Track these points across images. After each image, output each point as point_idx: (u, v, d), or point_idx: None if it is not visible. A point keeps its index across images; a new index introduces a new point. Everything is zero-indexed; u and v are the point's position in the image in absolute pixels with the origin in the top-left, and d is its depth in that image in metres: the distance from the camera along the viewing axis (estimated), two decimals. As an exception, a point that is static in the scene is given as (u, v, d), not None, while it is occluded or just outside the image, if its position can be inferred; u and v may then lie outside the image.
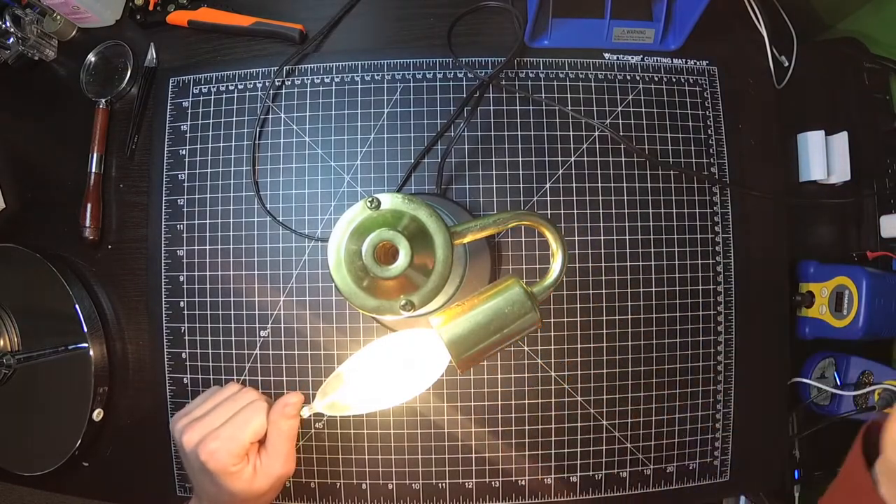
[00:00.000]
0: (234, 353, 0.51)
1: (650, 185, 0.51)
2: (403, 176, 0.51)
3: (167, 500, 0.51)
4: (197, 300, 0.51)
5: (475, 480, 0.49)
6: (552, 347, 0.50)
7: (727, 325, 0.51)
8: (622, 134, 0.51)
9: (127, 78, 0.55)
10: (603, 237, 0.51)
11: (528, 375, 0.50)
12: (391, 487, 0.50)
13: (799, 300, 0.52)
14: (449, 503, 0.49)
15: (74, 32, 0.58)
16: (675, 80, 0.53)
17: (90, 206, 0.53)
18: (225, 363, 0.51)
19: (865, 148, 0.54)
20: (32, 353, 0.52)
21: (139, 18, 0.55)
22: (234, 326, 0.51)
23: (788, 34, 0.55)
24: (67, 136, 0.56)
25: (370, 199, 0.33)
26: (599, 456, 0.50)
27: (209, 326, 0.51)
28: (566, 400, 0.50)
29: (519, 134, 0.52)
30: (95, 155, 0.54)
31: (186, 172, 0.53)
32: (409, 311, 0.33)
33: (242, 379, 0.50)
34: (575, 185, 0.51)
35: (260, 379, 0.50)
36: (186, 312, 0.51)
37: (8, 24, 0.54)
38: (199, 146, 0.53)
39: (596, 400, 0.50)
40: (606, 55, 0.53)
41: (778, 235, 0.53)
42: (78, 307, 0.51)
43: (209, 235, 0.52)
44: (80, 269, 0.54)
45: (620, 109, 0.52)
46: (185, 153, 0.53)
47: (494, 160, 0.51)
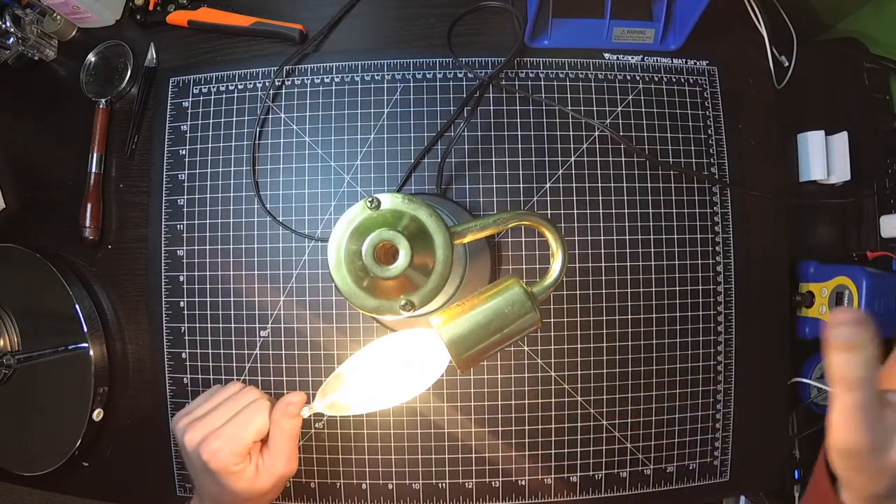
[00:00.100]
0: (234, 353, 0.51)
1: (650, 185, 0.51)
2: (403, 176, 0.51)
3: (167, 500, 0.51)
4: (197, 300, 0.51)
5: (475, 480, 0.50)
6: (552, 347, 0.50)
7: (727, 325, 0.51)
8: (622, 134, 0.51)
9: (127, 78, 0.55)
10: (603, 237, 0.51)
11: (528, 375, 0.50)
12: (391, 487, 0.50)
13: (799, 300, 0.52)
14: (449, 503, 0.49)
15: (74, 32, 0.58)
16: (675, 80, 0.53)
17: (90, 206, 0.53)
18: (225, 363, 0.51)
19: (865, 148, 0.54)
20: (32, 353, 0.52)
21: (139, 18, 0.55)
22: (234, 326, 0.51)
23: (788, 34, 0.55)
24: (67, 136, 0.56)
25: (370, 199, 0.33)
26: (599, 456, 0.50)
27: (209, 326, 0.51)
28: (566, 400, 0.50)
29: (519, 134, 0.52)
30: (95, 155, 0.54)
31: (186, 172, 0.53)
32: (409, 311, 0.33)
33: (243, 379, 0.50)
34: (575, 185, 0.51)
35: (260, 379, 0.50)
36: (186, 312, 0.51)
37: (8, 24, 0.54)
38: (199, 146, 0.53)
39: (596, 400, 0.50)
40: (606, 55, 0.53)
41: (778, 235, 0.53)
42: (78, 307, 0.51)
43: (209, 235, 0.52)
44: (80, 269, 0.54)
45: (620, 109, 0.52)
46: (185, 153, 0.53)
47: (494, 160, 0.51)
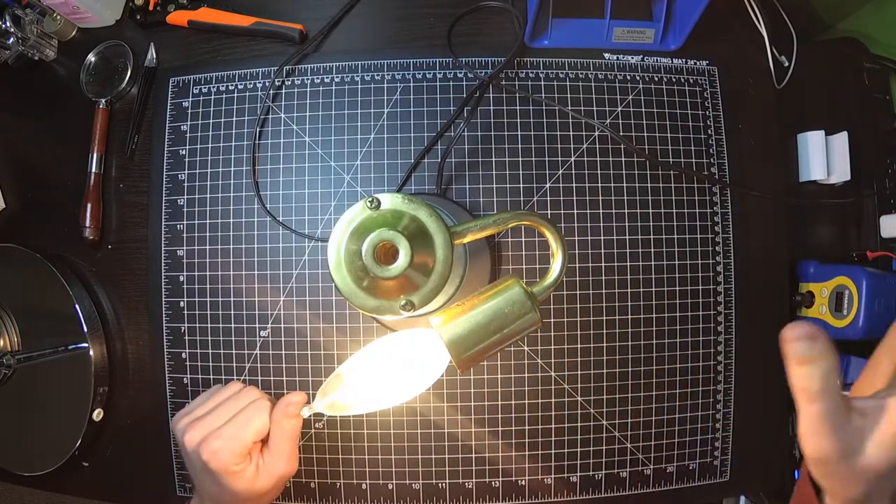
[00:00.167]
0: (234, 353, 0.51)
1: (650, 185, 0.51)
2: (403, 176, 0.51)
3: (167, 500, 0.51)
4: (197, 300, 0.51)
5: (475, 480, 0.49)
6: (552, 347, 0.50)
7: (727, 325, 0.51)
8: (622, 134, 0.51)
9: (127, 78, 0.55)
10: (603, 237, 0.51)
11: (528, 375, 0.50)
12: (391, 487, 0.50)
13: (799, 300, 0.52)
14: (449, 503, 0.49)
15: (74, 32, 0.58)
16: (675, 80, 0.53)
17: (90, 206, 0.53)
18: (225, 363, 0.51)
19: (865, 148, 0.54)
20: (32, 353, 0.52)
21: (139, 18, 0.55)
22: (234, 326, 0.51)
23: (788, 34, 0.55)
24: (67, 136, 0.56)
25: (370, 199, 0.33)
26: (599, 456, 0.50)
27: (209, 326, 0.51)
28: (566, 400, 0.50)
29: (519, 134, 0.52)
30: (95, 155, 0.54)
31: (186, 172, 0.53)
32: (409, 311, 0.33)
33: (243, 379, 0.50)
34: (575, 185, 0.51)
35: (260, 379, 0.50)
36: (186, 312, 0.51)
37: (8, 24, 0.54)
38: (199, 146, 0.53)
39: (596, 400, 0.50)
40: (606, 55, 0.53)
41: (778, 235, 0.53)
42: (78, 307, 0.51)
43: (209, 235, 0.52)
44: (80, 269, 0.54)
45: (620, 109, 0.52)
46: (185, 153, 0.53)
47: (494, 160, 0.51)
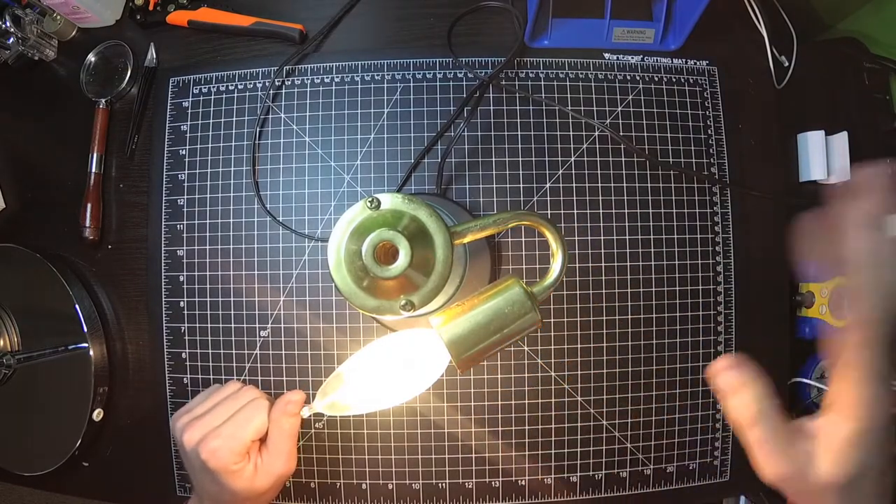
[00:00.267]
0: (234, 353, 0.51)
1: (650, 185, 0.51)
2: (403, 176, 0.51)
3: (167, 500, 0.51)
4: (197, 300, 0.51)
5: (475, 480, 0.49)
6: (552, 347, 0.50)
7: (727, 325, 0.51)
8: (622, 134, 0.51)
9: (127, 78, 0.55)
10: (603, 237, 0.51)
11: (528, 375, 0.50)
12: (391, 487, 0.50)
13: (799, 300, 0.52)
14: (449, 503, 0.49)
15: (74, 32, 0.58)
16: (675, 80, 0.53)
17: (90, 206, 0.53)
18: (225, 363, 0.51)
19: (865, 148, 0.54)
20: (32, 353, 0.52)
21: (139, 18, 0.55)
22: (234, 326, 0.51)
23: (788, 34, 0.55)
24: (67, 136, 0.56)
25: (370, 199, 0.33)
26: (599, 456, 0.50)
27: (209, 326, 0.51)
28: (566, 400, 0.50)
29: (519, 134, 0.52)
30: (95, 155, 0.54)
31: (186, 172, 0.53)
32: (409, 311, 0.33)
33: (243, 379, 0.50)
34: (575, 185, 0.51)
35: (260, 379, 0.50)
36: (186, 312, 0.51)
37: (8, 24, 0.54)
38: (199, 146, 0.53)
39: (596, 400, 0.50)
40: (606, 55, 0.53)
41: (778, 235, 0.53)
42: (78, 307, 0.51)
43: (209, 235, 0.52)
44: (80, 269, 0.54)
45: (620, 109, 0.52)
46: (185, 153, 0.53)
47: (494, 160, 0.51)
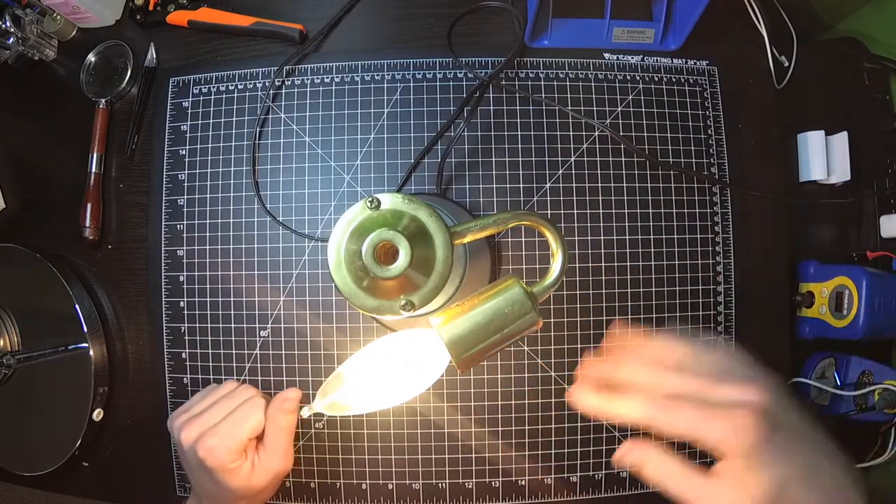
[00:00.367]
0: (234, 353, 0.51)
1: (650, 185, 0.51)
2: (403, 176, 0.51)
3: (167, 500, 0.51)
4: (197, 300, 0.51)
5: (475, 480, 0.49)
6: (552, 347, 0.50)
7: (727, 325, 0.51)
8: (622, 134, 0.51)
9: (127, 78, 0.55)
10: (603, 237, 0.51)
11: (528, 375, 0.50)
12: (391, 487, 0.50)
13: (799, 300, 0.52)
14: (449, 503, 0.49)
15: (74, 32, 0.58)
16: (675, 80, 0.53)
17: (90, 206, 0.53)
18: (225, 363, 0.51)
19: (865, 148, 0.54)
20: (32, 353, 0.52)
21: (139, 18, 0.55)
22: (234, 326, 0.51)
23: (788, 34, 0.55)
24: (67, 136, 0.56)
25: (370, 199, 0.33)
26: (599, 456, 0.50)
27: (209, 326, 0.51)
28: (566, 400, 0.50)
29: (519, 134, 0.52)
30: (95, 155, 0.54)
31: (186, 172, 0.53)
32: (409, 311, 0.33)
33: (242, 379, 0.50)
34: (575, 185, 0.51)
35: (260, 379, 0.50)
36: (186, 312, 0.51)
37: (8, 24, 0.54)
38: (199, 146, 0.53)
39: (596, 400, 0.50)
40: (606, 55, 0.53)
41: (778, 235, 0.53)
42: (78, 307, 0.51)
43: (209, 235, 0.52)
44: (80, 269, 0.54)
45: (620, 109, 0.52)
46: (185, 153, 0.53)
47: (494, 160, 0.51)
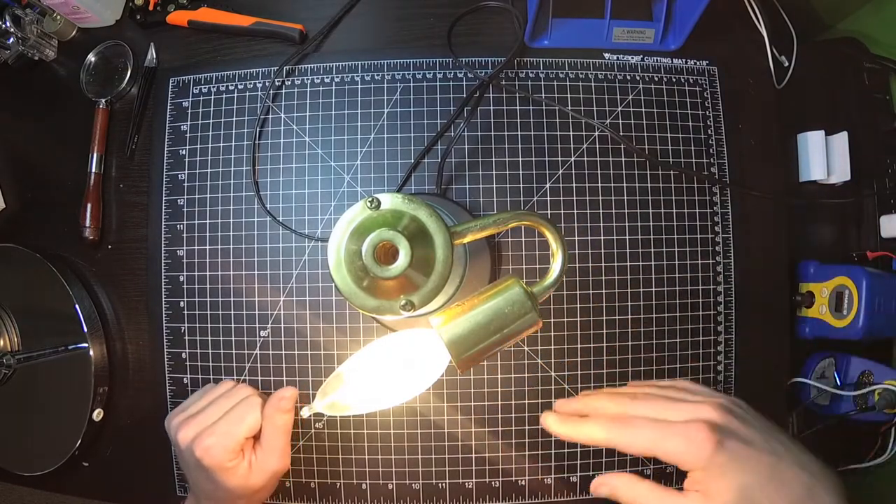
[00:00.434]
0: (234, 353, 0.51)
1: (650, 185, 0.51)
2: (403, 176, 0.51)
3: (167, 500, 0.51)
4: (197, 300, 0.51)
5: (475, 480, 0.49)
6: (552, 347, 0.50)
7: (727, 325, 0.51)
8: (622, 134, 0.51)
9: (127, 78, 0.55)
10: (603, 237, 0.51)
11: (528, 375, 0.50)
12: (391, 487, 0.50)
13: (799, 300, 0.52)
14: (449, 503, 0.49)
15: (74, 32, 0.58)
16: (675, 80, 0.53)
17: (90, 206, 0.53)
18: (225, 363, 0.51)
19: (865, 148, 0.54)
20: (32, 353, 0.52)
21: (139, 18, 0.55)
22: (234, 326, 0.51)
23: (788, 34, 0.55)
24: (67, 136, 0.56)
25: (370, 199, 0.33)
26: (599, 456, 0.50)
27: (209, 326, 0.51)
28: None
29: (519, 134, 0.52)
30: (95, 155, 0.54)
31: (186, 172, 0.53)
32: (409, 311, 0.33)
33: (242, 379, 0.50)
34: (575, 185, 0.51)
35: (260, 379, 0.50)
36: (186, 312, 0.51)
37: (8, 24, 0.54)
38: (199, 146, 0.53)
39: (596, 400, 0.50)
40: (606, 55, 0.53)
41: (778, 235, 0.53)
42: (78, 307, 0.51)
43: (209, 235, 0.52)
44: (80, 269, 0.54)
45: (620, 109, 0.52)
46: (185, 153, 0.53)
47: (494, 160, 0.51)
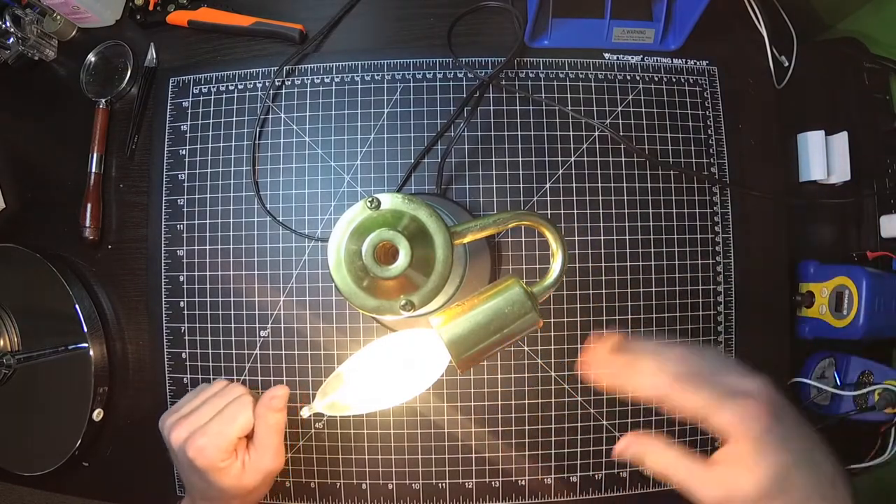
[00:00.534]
0: (234, 353, 0.51)
1: (650, 185, 0.51)
2: (403, 176, 0.51)
3: (167, 500, 0.51)
4: (197, 300, 0.51)
5: (475, 480, 0.49)
6: (552, 347, 0.50)
7: (727, 325, 0.51)
8: (622, 134, 0.51)
9: (127, 78, 0.55)
10: (603, 237, 0.51)
11: (528, 375, 0.50)
12: (391, 487, 0.50)
13: (799, 300, 0.52)
14: (449, 503, 0.49)
15: (74, 32, 0.58)
16: (675, 80, 0.53)
17: (90, 206, 0.53)
18: (225, 363, 0.51)
19: (865, 148, 0.54)
20: (32, 353, 0.52)
21: (139, 18, 0.55)
22: (234, 326, 0.51)
23: (788, 34, 0.55)
24: (67, 136, 0.56)
25: (370, 199, 0.33)
26: (599, 456, 0.50)
27: (209, 326, 0.51)
28: (566, 400, 0.50)
29: (519, 134, 0.52)
30: (95, 155, 0.54)
31: (186, 172, 0.53)
32: (409, 311, 0.33)
33: (242, 379, 0.50)
34: (575, 185, 0.51)
35: (260, 379, 0.50)
36: (186, 312, 0.51)
37: (8, 24, 0.54)
38: (199, 146, 0.53)
39: (596, 400, 0.50)
40: (606, 55, 0.53)
41: (778, 235, 0.53)
42: (78, 307, 0.51)
43: (209, 235, 0.52)
44: (80, 269, 0.54)
45: (620, 109, 0.52)
46: (185, 153, 0.53)
47: (494, 160, 0.51)
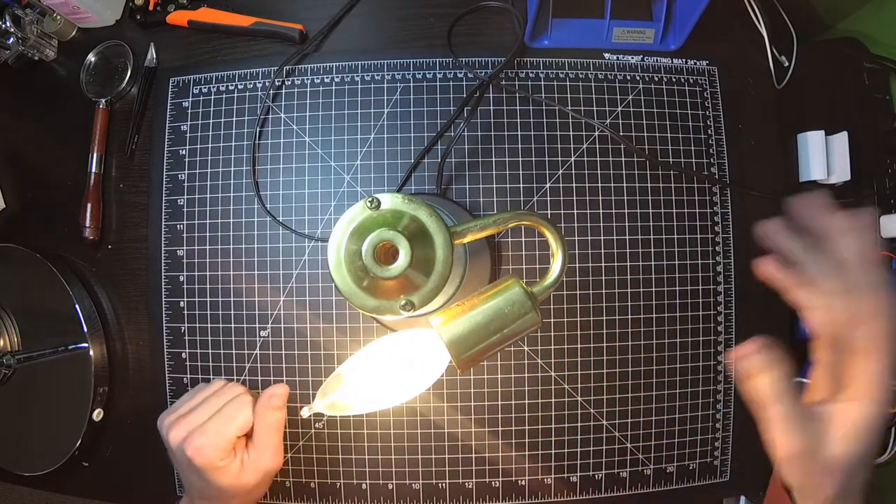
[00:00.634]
0: (234, 353, 0.51)
1: (650, 185, 0.51)
2: (403, 176, 0.51)
3: (167, 499, 0.51)
4: (197, 300, 0.51)
5: (475, 480, 0.49)
6: (552, 347, 0.50)
7: (727, 325, 0.51)
8: (622, 134, 0.51)
9: (127, 78, 0.55)
10: (603, 237, 0.51)
11: (528, 375, 0.50)
12: (391, 487, 0.50)
13: (799, 300, 0.52)
14: (449, 503, 0.49)
15: (74, 32, 0.58)
16: (675, 80, 0.53)
17: (90, 206, 0.53)
18: (225, 363, 0.51)
19: (865, 148, 0.54)
20: (32, 353, 0.52)
21: (139, 18, 0.55)
22: (234, 326, 0.51)
23: (788, 34, 0.55)
24: (67, 136, 0.56)
25: (370, 199, 0.33)
26: (599, 456, 0.50)
27: (209, 326, 0.51)
28: (566, 400, 0.50)
29: (519, 134, 0.52)
30: (95, 155, 0.54)
31: (186, 172, 0.53)
32: (409, 311, 0.33)
33: (242, 379, 0.51)
34: (575, 185, 0.51)
35: (260, 379, 0.50)
36: (186, 312, 0.51)
37: (8, 24, 0.54)
38: (199, 146, 0.53)
39: (596, 400, 0.50)
40: (606, 55, 0.53)
41: (778, 235, 0.52)
42: (78, 307, 0.51)
43: (209, 235, 0.52)
44: (80, 269, 0.54)
45: (620, 109, 0.52)
46: (185, 153, 0.53)
47: (494, 160, 0.51)
